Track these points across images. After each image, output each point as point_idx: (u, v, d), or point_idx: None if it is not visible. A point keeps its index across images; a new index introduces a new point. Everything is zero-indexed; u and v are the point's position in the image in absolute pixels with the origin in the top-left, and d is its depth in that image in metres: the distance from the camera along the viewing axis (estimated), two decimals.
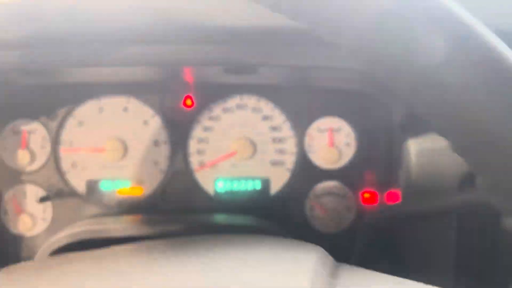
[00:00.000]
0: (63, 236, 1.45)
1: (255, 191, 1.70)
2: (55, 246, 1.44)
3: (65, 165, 1.69)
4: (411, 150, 1.55)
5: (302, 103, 1.68)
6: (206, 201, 1.70)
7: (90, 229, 1.46)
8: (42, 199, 1.60)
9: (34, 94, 1.66)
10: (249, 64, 1.30)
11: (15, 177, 1.69)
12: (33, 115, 1.69)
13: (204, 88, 1.70)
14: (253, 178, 1.70)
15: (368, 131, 1.68)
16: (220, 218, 1.58)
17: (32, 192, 1.69)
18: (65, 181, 1.69)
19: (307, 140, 1.69)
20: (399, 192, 1.63)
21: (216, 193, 1.70)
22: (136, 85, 1.69)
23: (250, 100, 1.70)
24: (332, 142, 1.67)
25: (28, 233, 1.69)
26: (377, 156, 1.69)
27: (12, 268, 0.98)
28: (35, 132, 1.69)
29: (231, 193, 1.70)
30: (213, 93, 1.70)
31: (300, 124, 1.69)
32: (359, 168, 1.69)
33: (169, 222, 1.52)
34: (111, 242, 1.47)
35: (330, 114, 1.69)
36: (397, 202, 1.64)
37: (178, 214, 1.64)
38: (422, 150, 1.53)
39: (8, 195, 1.68)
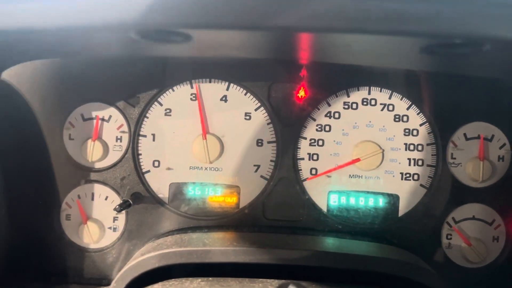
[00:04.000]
0: (149, 257, 1.12)
1: (379, 210, 1.35)
2: (139, 269, 1.11)
3: (145, 162, 1.36)
4: None
5: (448, 102, 1.33)
6: (316, 219, 1.35)
7: (184, 251, 1.13)
8: (122, 207, 1.27)
9: (112, 72, 1.34)
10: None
11: (81, 175, 1.36)
12: (109, 99, 1.36)
13: (322, 76, 1.35)
14: (377, 194, 1.35)
15: None
16: (345, 244, 1.24)
17: (102, 194, 1.36)
18: (145, 183, 1.36)
19: (450, 149, 1.35)
20: None
21: (329, 209, 1.36)
22: (239, 68, 1.35)
23: (380, 95, 1.35)
24: (483, 154, 1.32)
25: (93, 245, 1.36)
26: None
27: None
28: (111, 120, 1.36)
29: (348, 210, 1.35)
30: (332, 84, 1.35)
31: (444, 129, 1.34)
32: None
33: (279, 247, 1.18)
34: (208, 267, 1.17)
35: (482, 119, 1.34)
36: None
37: (284, 233, 1.30)
38: None
39: (70, 198, 1.36)
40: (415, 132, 1.34)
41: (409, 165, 1.34)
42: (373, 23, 0.61)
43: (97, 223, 1.35)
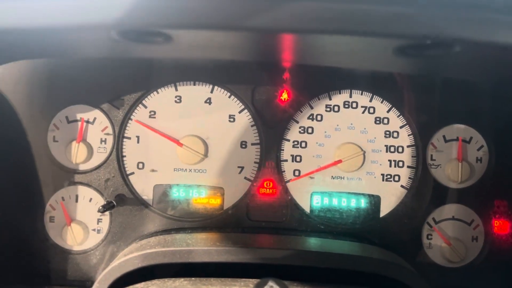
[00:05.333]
0: (132, 258, 1.13)
1: (360, 211, 1.37)
2: (122, 270, 1.12)
3: (129, 164, 1.36)
4: None
5: (427, 105, 1.36)
6: (299, 219, 1.37)
7: (167, 251, 1.14)
8: (105, 208, 1.27)
9: (97, 74, 1.35)
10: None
11: (66, 177, 1.36)
12: (94, 101, 1.37)
13: (305, 79, 1.37)
14: (359, 195, 1.37)
15: (505, 145, 1.36)
16: (328, 244, 1.25)
17: (85, 196, 1.36)
18: (129, 185, 1.36)
19: (430, 151, 1.38)
20: None
21: (312, 210, 1.38)
22: (223, 71, 1.37)
23: (361, 98, 1.38)
24: (461, 155, 1.35)
25: (77, 247, 1.36)
26: None
27: None
28: (95, 122, 1.36)
29: (330, 211, 1.37)
30: (314, 87, 1.37)
31: (424, 131, 1.37)
32: (492, 189, 1.36)
33: (262, 246, 1.20)
34: (191, 268, 1.18)
35: (460, 121, 1.37)
36: None
37: (268, 234, 1.32)
38: None
39: (54, 200, 1.36)
40: (395, 134, 1.37)
41: (390, 166, 1.37)
42: (345, 24, 0.64)
43: (81, 225, 1.35)
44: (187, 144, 1.33)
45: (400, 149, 1.36)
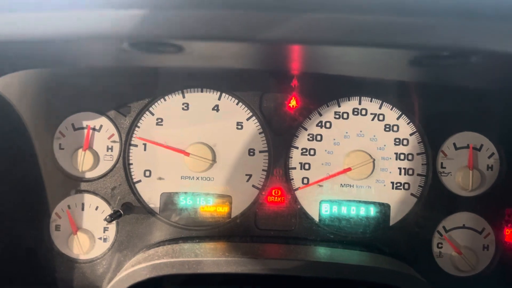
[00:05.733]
0: (140, 268, 1.11)
1: (370, 219, 1.35)
2: (130, 281, 1.10)
3: (136, 172, 1.35)
4: None
5: (437, 112, 1.34)
6: (308, 228, 1.35)
7: (175, 262, 1.12)
8: (112, 217, 1.26)
9: (103, 82, 1.33)
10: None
11: (72, 185, 1.34)
12: (100, 108, 1.35)
13: (314, 86, 1.35)
14: (369, 203, 1.35)
15: None
16: (338, 254, 1.24)
17: (92, 204, 1.34)
18: (136, 193, 1.35)
19: (440, 158, 1.36)
20: None
21: (321, 219, 1.36)
22: (231, 78, 1.35)
23: (371, 105, 1.36)
24: (472, 163, 1.33)
25: (83, 256, 1.34)
26: None
27: None
28: (102, 130, 1.35)
29: (339, 219, 1.35)
30: (323, 94, 1.36)
31: (434, 138, 1.35)
32: (503, 197, 1.34)
33: (271, 257, 1.18)
34: (199, 277, 1.16)
35: (471, 129, 1.35)
36: None
37: (276, 243, 1.30)
38: None
39: (60, 208, 1.34)
40: (405, 142, 1.35)
41: (400, 174, 1.35)
42: (365, 36, 0.62)
43: (87, 233, 1.34)
44: (194, 153, 1.32)
45: (410, 157, 1.35)
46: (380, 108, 1.35)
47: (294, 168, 1.36)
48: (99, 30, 0.64)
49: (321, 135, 1.35)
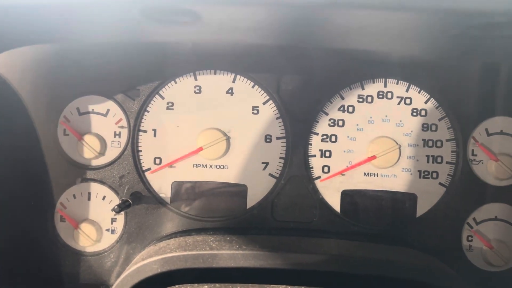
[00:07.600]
0: (151, 262, 1.03)
1: (395, 211, 1.26)
2: (140, 275, 1.02)
3: (145, 159, 1.27)
4: None
5: (469, 95, 1.25)
6: (330, 220, 1.26)
7: (189, 255, 1.04)
8: (121, 207, 1.18)
9: (110, 62, 1.24)
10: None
11: (77, 173, 1.26)
12: (107, 92, 1.26)
13: (335, 67, 1.25)
14: (394, 193, 1.27)
15: None
16: (363, 248, 1.15)
17: (99, 194, 1.27)
18: (145, 182, 1.27)
19: (471, 145, 1.27)
20: None
21: (343, 210, 1.27)
22: (246, 59, 1.26)
23: (397, 87, 1.27)
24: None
25: (90, 249, 1.27)
26: None
27: None
28: (109, 114, 1.26)
29: (363, 210, 1.27)
30: (346, 75, 1.26)
31: (464, 124, 1.26)
32: None
33: (291, 250, 1.10)
34: (213, 272, 1.09)
35: (504, 113, 1.25)
36: None
37: (296, 235, 1.22)
38: None
39: (65, 198, 1.27)
40: (433, 127, 1.26)
41: (428, 162, 1.26)
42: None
43: (94, 224, 1.26)
44: (207, 140, 1.24)
45: (438, 144, 1.26)
46: (407, 91, 1.25)
47: (314, 156, 1.27)
48: None
49: (343, 120, 1.26)
